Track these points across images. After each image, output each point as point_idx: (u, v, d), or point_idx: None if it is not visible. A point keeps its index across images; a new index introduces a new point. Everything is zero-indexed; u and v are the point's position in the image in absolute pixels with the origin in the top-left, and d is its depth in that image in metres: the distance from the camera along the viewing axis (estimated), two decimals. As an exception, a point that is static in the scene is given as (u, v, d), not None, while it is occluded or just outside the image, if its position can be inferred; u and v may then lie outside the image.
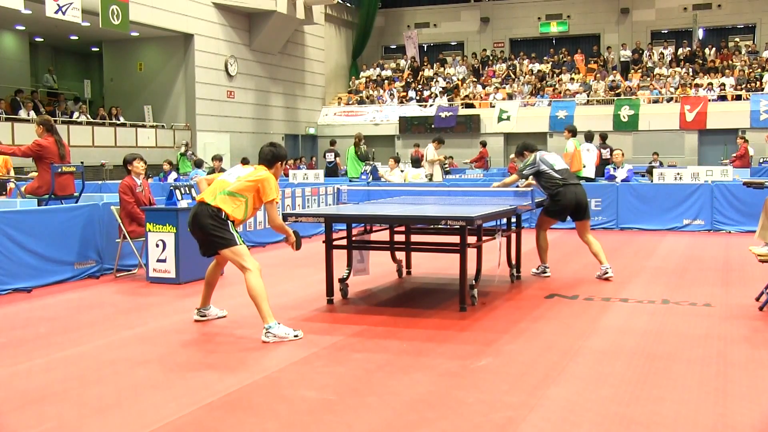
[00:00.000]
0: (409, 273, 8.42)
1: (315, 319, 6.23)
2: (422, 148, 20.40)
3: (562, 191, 8.01)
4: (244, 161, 18.41)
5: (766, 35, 29.45)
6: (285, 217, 7.20)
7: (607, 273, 7.99)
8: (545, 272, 8.31)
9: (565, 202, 8.02)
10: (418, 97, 29.94)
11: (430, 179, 15.42)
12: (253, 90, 25.79)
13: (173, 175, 16.89)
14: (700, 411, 3.97)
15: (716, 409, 4.00)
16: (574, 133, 14.22)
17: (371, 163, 17.29)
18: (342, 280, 7.09)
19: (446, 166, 15.71)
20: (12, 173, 9.82)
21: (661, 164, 19.53)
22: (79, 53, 27.31)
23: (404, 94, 30.30)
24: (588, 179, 13.52)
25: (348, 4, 32.61)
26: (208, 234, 5.64)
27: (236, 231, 5.72)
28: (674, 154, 24.14)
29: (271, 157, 5.90)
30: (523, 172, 8.17)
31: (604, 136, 15.71)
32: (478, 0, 33.40)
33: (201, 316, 6.20)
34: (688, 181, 13.08)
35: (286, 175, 16.87)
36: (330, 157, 19.79)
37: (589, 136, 14.62)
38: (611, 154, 14.66)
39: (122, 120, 21.97)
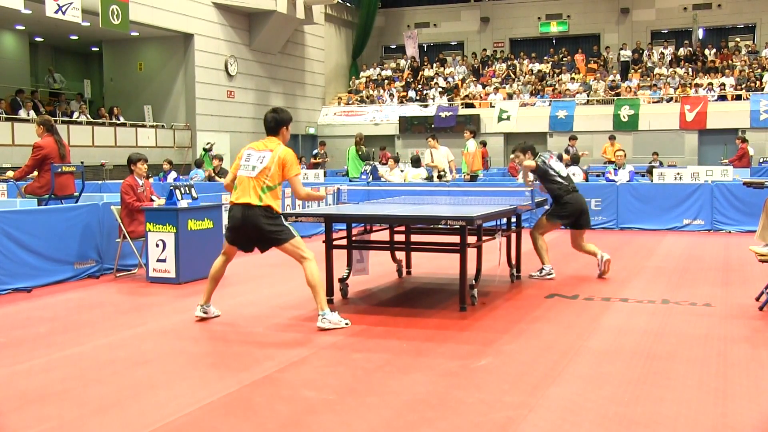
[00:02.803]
0: (409, 273, 8.42)
1: (315, 319, 6.23)
2: (387, 151, 21.09)
3: (572, 197, 8.14)
4: None
5: (766, 35, 29.43)
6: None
7: (603, 262, 8.13)
8: (550, 274, 8.20)
9: (573, 209, 8.11)
10: (418, 97, 29.94)
11: (430, 179, 15.36)
12: (253, 90, 25.78)
13: (173, 174, 16.88)
14: (700, 411, 3.97)
15: (716, 409, 4.00)
16: (474, 133, 14.51)
17: (371, 163, 17.28)
18: (342, 280, 7.09)
19: (443, 172, 15.62)
20: (10, 173, 9.80)
21: (661, 164, 19.53)
22: (79, 53, 27.31)
23: (404, 94, 30.30)
24: None
25: (348, 4, 32.60)
26: (267, 233, 5.73)
27: (288, 222, 5.88)
28: (674, 154, 24.13)
29: (274, 123, 5.91)
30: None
31: (575, 160, 15.91)
32: (478, 0, 33.40)
33: (203, 312, 6.19)
34: (688, 181, 13.09)
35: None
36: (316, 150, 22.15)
37: (575, 158, 15.11)
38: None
39: (122, 120, 21.98)
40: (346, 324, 5.81)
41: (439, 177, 15.20)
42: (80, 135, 19.78)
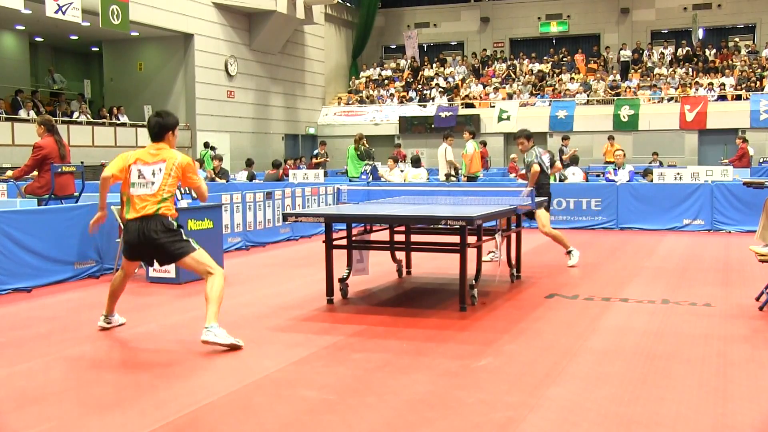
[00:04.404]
0: (409, 273, 8.42)
1: (315, 319, 6.23)
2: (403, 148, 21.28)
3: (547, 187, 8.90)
4: (249, 163, 18.39)
5: (766, 35, 29.44)
6: (285, 216, 7.20)
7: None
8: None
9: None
10: (418, 97, 29.95)
11: (448, 179, 15.17)
12: (253, 90, 25.79)
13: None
14: (700, 411, 3.97)
15: (716, 409, 4.00)
16: (474, 134, 14.45)
17: (371, 163, 17.28)
18: (342, 280, 7.09)
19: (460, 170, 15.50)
20: (9, 173, 9.80)
21: (660, 164, 19.54)
22: (79, 53, 27.32)
23: (404, 94, 30.30)
24: None
25: (348, 4, 32.60)
26: (164, 247, 5.34)
27: (188, 236, 5.46)
28: (674, 154, 24.15)
29: (158, 129, 5.42)
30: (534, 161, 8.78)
31: (574, 160, 16.00)
32: (478, 0, 33.41)
33: (107, 323, 5.88)
34: (688, 181, 13.08)
35: (287, 175, 16.88)
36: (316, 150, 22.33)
37: (575, 159, 15.39)
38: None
39: (122, 119, 21.98)
40: (234, 343, 5.15)
41: (456, 173, 15.10)
42: (80, 135, 19.79)
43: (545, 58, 31.22)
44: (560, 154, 18.58)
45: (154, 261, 5.62)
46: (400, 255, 8.26)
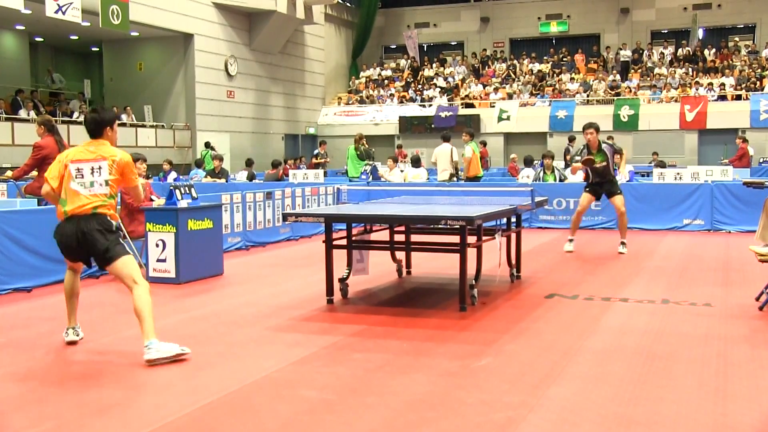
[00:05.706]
0: (409, 273, 8.42)
1: (315, 319, 6.23)
2: (407, 149, 21.23)
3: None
4: (249, 163, 18.39)
5: (766, 35, 29.45)
6: (285, 216, 7.19)
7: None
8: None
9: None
10: (418, 97, 29.95)
11: (450, 179, 15.09)
12: (253, 90, 25.79)
13: (173, 174, 16.89)
14: (700, 411, 3.97)
15: (716, 409, 4.00)
16: (472, 136, 14.37)
17: (371, 163, 17.27)
18: (342, 280, 7.09)
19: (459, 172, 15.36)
20: (9, 173, 9.81)
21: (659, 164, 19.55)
22: (79, 53, 27.33)
23: (404, 94, 30.30)
24: None
25: (348, 4, 32.61)
26: (99, 249, 5.07)
27: (121, 239, 5.16)
28: (674, 154, 24.15)
29: (94, 125, 5.19)
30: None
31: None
32: (478, 0, 33.41)
33: (76, 335, 5.49)
34: (688, 181, 13.08)
35: (287, 174, 16.88)
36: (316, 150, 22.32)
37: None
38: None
39: (123, 119, 21.98)
40: (183, 351, 4.97)
41: (456, 174, 15.04)
42: (80, 135, 19.72)
43: (545, 58, 31.23)
44: (565, 154, 18.63)
45: (91, 262, 5.33)
46: (400, 255, 8.26)
